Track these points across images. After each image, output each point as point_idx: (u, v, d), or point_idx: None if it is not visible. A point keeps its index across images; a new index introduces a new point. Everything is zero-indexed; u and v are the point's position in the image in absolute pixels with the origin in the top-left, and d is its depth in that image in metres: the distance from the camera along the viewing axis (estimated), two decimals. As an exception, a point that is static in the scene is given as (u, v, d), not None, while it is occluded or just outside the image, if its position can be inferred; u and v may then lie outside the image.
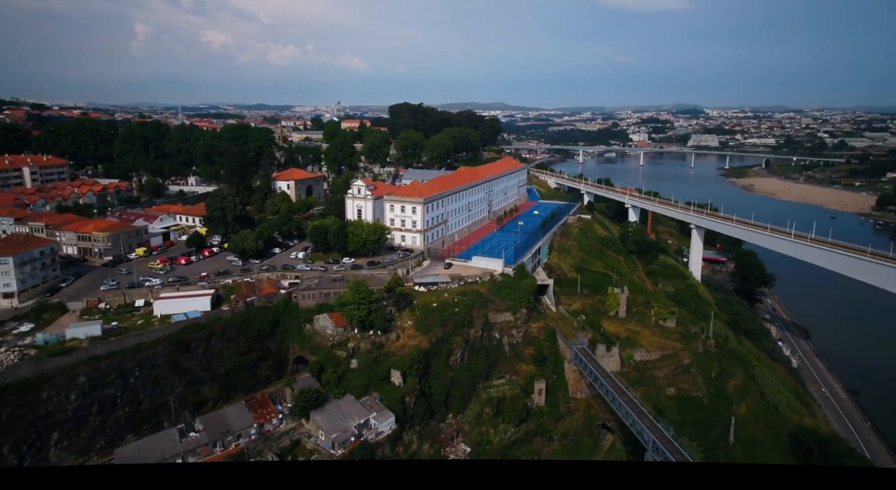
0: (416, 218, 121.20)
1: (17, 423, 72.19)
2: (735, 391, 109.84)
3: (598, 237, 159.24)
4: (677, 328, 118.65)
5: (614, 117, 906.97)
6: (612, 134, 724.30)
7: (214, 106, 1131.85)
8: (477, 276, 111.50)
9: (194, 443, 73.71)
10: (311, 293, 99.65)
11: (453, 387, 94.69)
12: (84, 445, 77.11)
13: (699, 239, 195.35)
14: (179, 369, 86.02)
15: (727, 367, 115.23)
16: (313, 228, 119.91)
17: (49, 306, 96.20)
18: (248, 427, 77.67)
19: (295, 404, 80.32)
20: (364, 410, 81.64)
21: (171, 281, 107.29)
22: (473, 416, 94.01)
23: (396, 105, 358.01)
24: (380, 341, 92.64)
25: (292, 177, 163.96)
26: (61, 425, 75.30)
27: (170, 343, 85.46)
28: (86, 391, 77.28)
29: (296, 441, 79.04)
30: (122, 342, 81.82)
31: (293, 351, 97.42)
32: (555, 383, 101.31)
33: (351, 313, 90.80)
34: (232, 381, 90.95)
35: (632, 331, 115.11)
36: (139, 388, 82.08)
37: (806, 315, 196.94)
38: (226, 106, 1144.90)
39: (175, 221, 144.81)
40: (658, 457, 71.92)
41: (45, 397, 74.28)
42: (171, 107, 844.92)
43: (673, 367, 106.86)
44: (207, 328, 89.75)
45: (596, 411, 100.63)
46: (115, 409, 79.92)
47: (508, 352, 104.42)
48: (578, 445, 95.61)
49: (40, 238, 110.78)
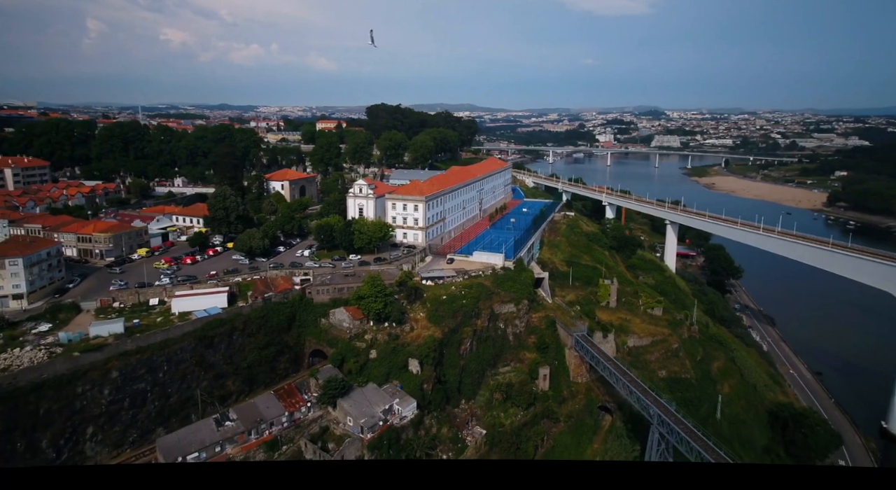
0: (418, 215, 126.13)
1: (54, 418, 73.81)
2: (718, 372, 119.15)
3: (585, 233, 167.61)
4: (664, 316, 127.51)
5: (580, 118, 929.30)
6: (580, 135, 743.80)
7: (174, 106, 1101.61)
8: (479, 270, 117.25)
9: (231, 431, 76.84)
10: (325, 288, 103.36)
11: (464, 374, 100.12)
12: (117, 439, 79.15)
13: (674, 234, 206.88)
14: (204, 364, 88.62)
15: (710, 351, 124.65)
16: (318, 227, 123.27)
17: (63, 306, 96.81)
18: (280, 415, 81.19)
19: (323, 392, 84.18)
20: (387, 397, 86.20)
21: (181, 280, 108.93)
22: (484, 402, 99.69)
23: (374, 106, 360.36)
24: (395, 332, 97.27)
25: (286, 177, 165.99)
26: (96, 419, 77.18)
27: (195, 338, 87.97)
28: (118, 386, 79.30)
29: (325, 427, 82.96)
30: (150, 338, 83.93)
31: (309, 344, 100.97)
32: (557, 369, 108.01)
33: (368, 306, 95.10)
34: (253, 375, 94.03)
35: (623, 319, 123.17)
36: (167, 382, 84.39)
37: (771, 304, 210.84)
38: (186, 106, 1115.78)
39: (171, 222, 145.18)
40: (663, 429, 79.23)
41: (79, 392, 76.06)
42: (128, 107, 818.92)
43: (663, 351, 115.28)
44: (229, 323, 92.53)
45: (595, 394, 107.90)
46: (146, 403, 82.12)
47: (512, 341, 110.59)
48: (581, 426, 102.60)
49: (45, 240, 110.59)
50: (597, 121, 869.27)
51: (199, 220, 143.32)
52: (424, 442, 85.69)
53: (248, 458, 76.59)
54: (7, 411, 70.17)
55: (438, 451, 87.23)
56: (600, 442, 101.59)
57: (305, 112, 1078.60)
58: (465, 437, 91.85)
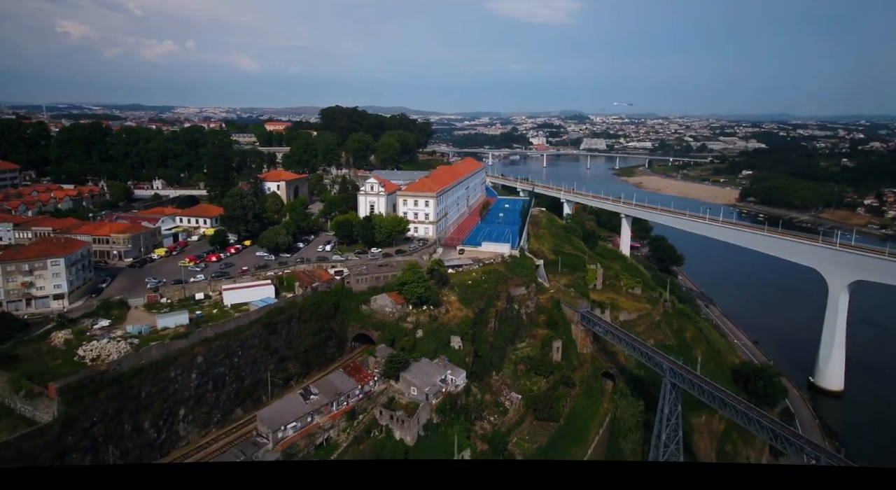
0: (429, 210, 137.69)
1: (153, 401, 79.09)
2: (691, 340, 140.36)
3: (561, 226, 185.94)
4: (643, 295, 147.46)
5: (511, 122, 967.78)
6: (514, 138, 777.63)
7: (77, 105, 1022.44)
8: (490, 258, 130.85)
9: (317, 403, 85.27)
10: (363, 278, 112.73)
11: (492, 350, 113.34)
12: (204, 419, 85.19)
13: (628, 226, 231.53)
14: (270, 348, 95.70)
15: (682, 323, 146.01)
16: (337, 223, 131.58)
17: (113, 304, 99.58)
18: (353, 388, 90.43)
19: (388, 367, 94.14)
20: (440, 369, 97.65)
21: (216, 275, 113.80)
22: (511, 373, 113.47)
23: (329, 108, 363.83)
24: (434, 314, 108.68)
25: (280, 178, 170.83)
26: (186, 401, 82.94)
27: (261, 325, 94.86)
28: (203, 370, 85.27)
29: (391, 397, 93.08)
30: (226, 326, 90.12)
31: (352, 329, 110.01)
32: (565, 342, 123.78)
33: (411, 291, 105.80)
34: (309, 358, 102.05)
35: (611, 298, 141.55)
36: (242, 366, 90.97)
37: (709, 286, 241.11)
38: (92, 106, 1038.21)
39: (175, 223, 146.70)
40: (675, 379, 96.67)
41: (172, 377, 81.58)
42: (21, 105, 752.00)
43: (648, 323, 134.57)
44: (287, 312, 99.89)
45: (599, 362, 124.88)
46: (225, 386, 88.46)
47: (526, 319, 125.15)
48: (591, 389, 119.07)
49: (77, 241, 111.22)
50: (528, 124, 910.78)
51: (205, 220, 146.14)
52: (475, 406, 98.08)
53: (336, 427, 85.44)
54: (115, 395, 74.90)
55: (486, 413, 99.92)
56: (608, 402, 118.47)
57: (229, 113, 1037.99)
58: (504, 402, 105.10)
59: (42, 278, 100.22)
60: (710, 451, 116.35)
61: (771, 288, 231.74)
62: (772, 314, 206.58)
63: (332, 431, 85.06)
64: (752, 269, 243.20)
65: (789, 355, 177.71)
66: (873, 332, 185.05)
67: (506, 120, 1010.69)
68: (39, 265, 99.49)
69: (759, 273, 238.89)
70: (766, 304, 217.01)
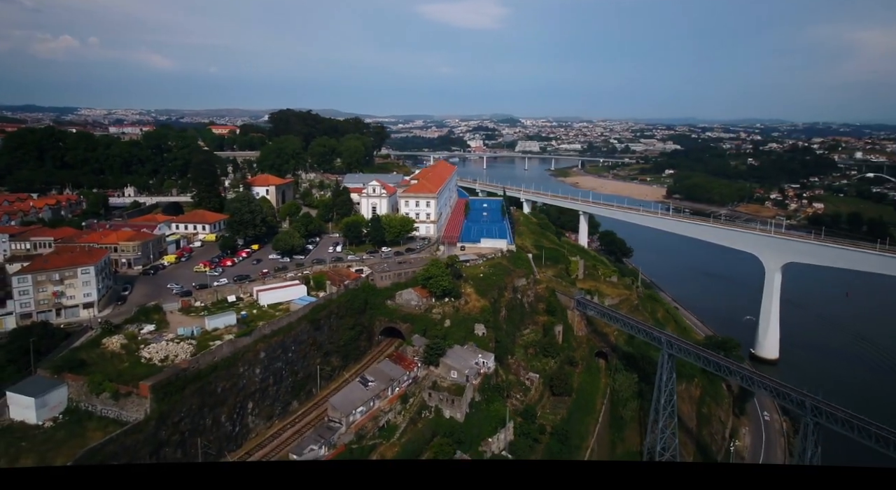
0: (431, 210, 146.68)
1: (227, 396, 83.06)
2: (662, 319, 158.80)
3: (536, 223, 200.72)
4: (619, 282, 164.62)
5: (446, 125, 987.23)
6: (452, 140, 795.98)
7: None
8: (490, 253, 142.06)
9: (375, 389, 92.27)
10: (387, 275, 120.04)
11: (506, 336, 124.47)
12: (268, 412, 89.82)
13: (585, 222, 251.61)
14: (316, 343, 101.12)
15: (653, 306, 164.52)
16: (346, 224, 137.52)
17: (150, 309, 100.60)
18: (402, 375, 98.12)
19: (427, 354, 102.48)
20: (472, 353, 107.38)
21: (237, 278, 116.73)
22: (523, 356, 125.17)
23: (281, 111, 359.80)
24: (456, 305, 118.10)
25: (269, 183, 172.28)
26: (253, 395, 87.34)
27: (308, 322, 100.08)
28: (265, 365, 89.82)
29: (434, 381, 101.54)
30: (280, 322, 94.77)
31: (379, 323, 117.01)
32: (564, 327, 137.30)
33: (437, 284, 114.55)
34: (348, 351, 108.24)
35: (594, 286, 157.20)
36: (295, 360, 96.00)
37: (657, 275, 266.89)
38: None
39: (172, 230, 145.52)
40: (672, 350, 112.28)
41: (241, 372, 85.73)
42: None
43: (629, 306, 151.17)
44: (326, 309, 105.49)
45: (594, 343, 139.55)
46: (283, 380, 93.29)
47: (527, 308, 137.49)
48: (590, 367, 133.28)
49: (99, 249, 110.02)
50: (463, 127, 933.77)
51: (204, 226, 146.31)
52: (506, 385, 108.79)
53: (393, 410, 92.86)
54: (198, 391, 78.42)
55: (513, 391, 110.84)
56: (605, 377, 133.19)
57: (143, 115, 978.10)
58: (524, 381, 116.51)
59: (72, 287, 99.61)
60: (692, 413, 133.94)
61: (709, 276, 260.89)
62: (713, 298, 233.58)
63: (390, 414, 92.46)
64: (692, 259, 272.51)
65: (732, 332, 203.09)
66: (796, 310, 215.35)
67: (440, 123, 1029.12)
68: (70, 274, 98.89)
69: (697, 263, 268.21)
70: (706, 289, 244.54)
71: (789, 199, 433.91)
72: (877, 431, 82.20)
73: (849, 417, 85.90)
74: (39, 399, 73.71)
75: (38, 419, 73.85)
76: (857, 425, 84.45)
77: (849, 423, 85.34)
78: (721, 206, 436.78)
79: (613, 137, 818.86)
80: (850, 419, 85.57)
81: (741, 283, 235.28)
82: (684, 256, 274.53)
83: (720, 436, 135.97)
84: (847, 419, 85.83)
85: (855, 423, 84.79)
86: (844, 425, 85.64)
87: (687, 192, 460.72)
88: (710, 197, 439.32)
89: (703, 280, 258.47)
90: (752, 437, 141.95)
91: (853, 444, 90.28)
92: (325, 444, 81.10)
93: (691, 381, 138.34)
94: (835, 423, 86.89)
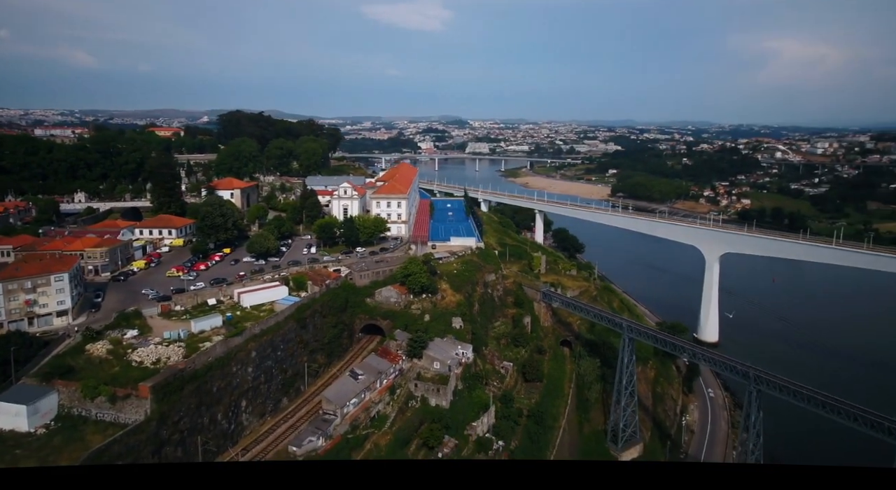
0: (402, 211, 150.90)
1: (222, 395, 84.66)
2: (618, 308, 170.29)
3: (498, 221, 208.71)
4: (578, 275, 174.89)
5: (395, 127, 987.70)
6: (402, 142, 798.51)
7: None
8: (461, 251, 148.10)
9: (365, 382, 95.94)
10: (365, 273, 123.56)
11: (480, 328, 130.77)
12: (261, 409, 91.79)
13: (541, 220, 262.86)
14: (303, 342, 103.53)
15: (609, 296, 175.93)
16: (320, 226, 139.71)
17: (129, 315, 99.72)
18: (388, 368, 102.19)
19: (411, 348, 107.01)
20: (452, 345, 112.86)
21: (214, 281, 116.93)
22: (496, 346, 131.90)
23: (231, 113, 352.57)
24: (434, 300, 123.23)
25: (233, 186, 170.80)
26: (246, 394, 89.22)
27: (294, 321, 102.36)
28: (257, 364, 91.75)
29: (418, 373, 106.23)
30: (268, 322, 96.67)
31: (359, 321, 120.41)
32: (532, 318, 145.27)
33: (415, 281, 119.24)
34: (332, 349, 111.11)
35: (556, 279, 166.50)
36: (283, 359, 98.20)
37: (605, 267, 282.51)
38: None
39: (135, 235, 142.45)
40: (632, 334, 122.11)
41: (234, 371, 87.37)
42: None
43: (589, 297, 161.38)
44: (311, 308, 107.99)
45: (559, 332, 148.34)
46: (273, 378, 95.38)
47: (497, 301, 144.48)
48: (556, 355, 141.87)
49: (69, 256, 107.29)
50: (412, 129, 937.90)
51: (170, 230, 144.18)
52: (483, 373, 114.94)
53: (382, 401, 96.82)
54: (195, 391, 79.75)
55: (490, 379, 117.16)
56: (570, 364, 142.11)
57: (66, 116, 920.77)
58: (499, 369, 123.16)
59: (45, 295, 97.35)
60: (648, 393, 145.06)
61: (652, 268, 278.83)
62: (656, 289, 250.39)
63: (380, 405, 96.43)
64: (636, 254, 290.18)
65: (677, 317, 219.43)
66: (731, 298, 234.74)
67: (389, 125, 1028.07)
68: (42, 282, 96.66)
69: (641, 257, 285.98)
70: (651, 281, 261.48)
71: (721, 196, 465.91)
72: (809, 394, 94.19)
73: (786, 384, 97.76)
74: (31, 406, 72.94)
75: (30, 426, 73.06)
76: (792, 390, 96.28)
77: (786, 388, 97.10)
78: (661, 204, 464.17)
79: (559, 139, 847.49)
80: (787, 385, 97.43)
81: (681, 275, 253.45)
82: (630, 252, 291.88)
83: (673, 412, 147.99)
84: (784, 385, 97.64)
85: (791, 389, 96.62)
86: (782, 391, 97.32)
87: (630, 191, 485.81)
88: (651, 195, 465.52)
89: (647, 272, 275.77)
90: (699, 412, 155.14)
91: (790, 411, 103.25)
92: (322, 435, 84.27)
93: (646, 363, 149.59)
94: (774, 390, 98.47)
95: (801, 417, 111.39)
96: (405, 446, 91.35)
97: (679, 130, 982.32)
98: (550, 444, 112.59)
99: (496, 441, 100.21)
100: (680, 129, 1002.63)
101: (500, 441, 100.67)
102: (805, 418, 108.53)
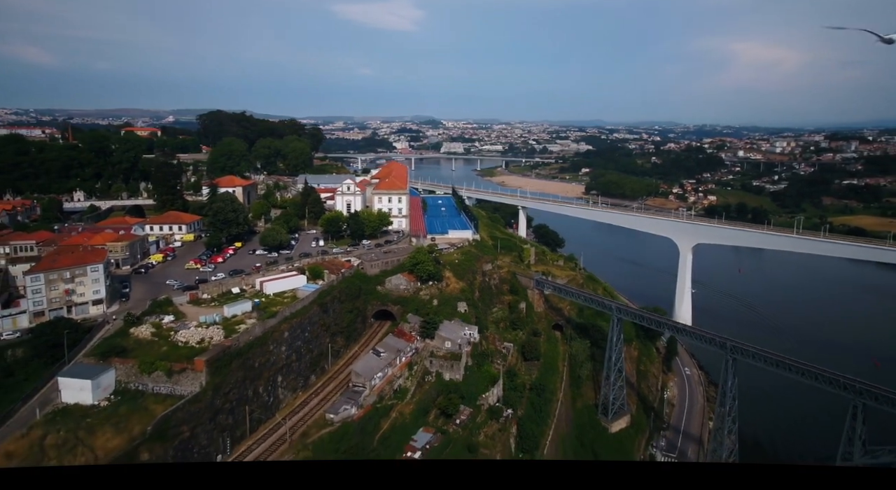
0: (402, 206, 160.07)
1: (262, 370, 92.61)
2: (604, 295, 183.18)
3: (486, 217, 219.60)
4: (565, 265, 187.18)
5: (367, 127, 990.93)
6: (377, 142, 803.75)
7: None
8: (459, 243, 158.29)
9: (387, 358, 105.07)
10: (375, 263, 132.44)
11: (481, 312, 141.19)
12: (293, 384, 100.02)
13: (524, 216, 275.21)
14: (325, 325, 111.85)
15: (594, 285, 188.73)
16: (327, 220, 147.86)
17: (162, 302, 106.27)
18: (406, 347, 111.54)
19: (424, 329, 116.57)
20: (460, 327, 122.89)
21: (232, 272, 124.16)
22: (496, 329, 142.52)
23: (212, 112, 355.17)
24: (440, 287, 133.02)
25: (235, 184, 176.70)
26: (281, 370, 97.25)
27: (318, 305, 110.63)
28: (289, 343, 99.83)
29: (430, 351, 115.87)
30: (296, 306, 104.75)
31: (371, 307, 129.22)
32: (526, 304, 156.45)
33: (423, 269, 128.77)
34: (350, 332, 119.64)
35: (545, 269, 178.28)
36: (310, 340, 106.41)
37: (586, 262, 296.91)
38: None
39: (145, 231, 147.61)
40: (622, 315, 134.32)
41: (271, 350, 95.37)
42: None
43: (576, 285, 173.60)
44: (330, 294, 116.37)
45: (550, 317, 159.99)
46: (302, 356, 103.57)
47: (494, 289, 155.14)
48: (550, 337, 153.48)
49: (100, 249, 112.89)
50: (386, 129, 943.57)
51: (180, 226, 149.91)
52: (488, 352, 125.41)
53: (403, 376, 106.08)
54: (241, 366, 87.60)
55: (494, 358, 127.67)
56: (563, 345, 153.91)
57: (20, 116, 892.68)
58: (501, 350, 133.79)
59: (82, 285, 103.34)
60: (633, 371, 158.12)
61: (625, 261, 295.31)
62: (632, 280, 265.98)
63: (401, 380, 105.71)
64: (612, 248, 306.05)
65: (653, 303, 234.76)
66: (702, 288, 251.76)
67: (362, 125, 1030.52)
68: (80, 272, 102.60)
69: (617, 251, 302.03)
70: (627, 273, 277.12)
71: (688, 193, 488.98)
72: (777, 359, 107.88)
73: (757, 352, 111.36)
74: (95, 381, 79.77)
75: (94, 399, 79.88)
76: (763, 357, 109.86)
77: (758, 355, 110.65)
78: (633, 200, 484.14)
79: (532, 139, 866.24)
80: (759, 353, 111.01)
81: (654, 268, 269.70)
82: (604, 246, 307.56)
83: (655, 388, 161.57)
84: (756, 353, 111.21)
85: (762, 356, 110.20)
86: (755, 357, 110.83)
87: (602, 189, 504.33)
88: (623, 192, 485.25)
89: (622, 265, 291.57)
90: (678, 388, 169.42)
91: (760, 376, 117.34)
92: (355, 404, 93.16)
93: (630, 344, 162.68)
94: (748, 357, 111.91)
95: (774, 382, 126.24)
96: (426, 415, 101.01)
97: (647, 130, 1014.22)
98: (552, 414, 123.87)
99: (506, 409, 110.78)
100: (647, 130, 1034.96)
101: (509, 409, 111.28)
102: (777, 381, 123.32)
